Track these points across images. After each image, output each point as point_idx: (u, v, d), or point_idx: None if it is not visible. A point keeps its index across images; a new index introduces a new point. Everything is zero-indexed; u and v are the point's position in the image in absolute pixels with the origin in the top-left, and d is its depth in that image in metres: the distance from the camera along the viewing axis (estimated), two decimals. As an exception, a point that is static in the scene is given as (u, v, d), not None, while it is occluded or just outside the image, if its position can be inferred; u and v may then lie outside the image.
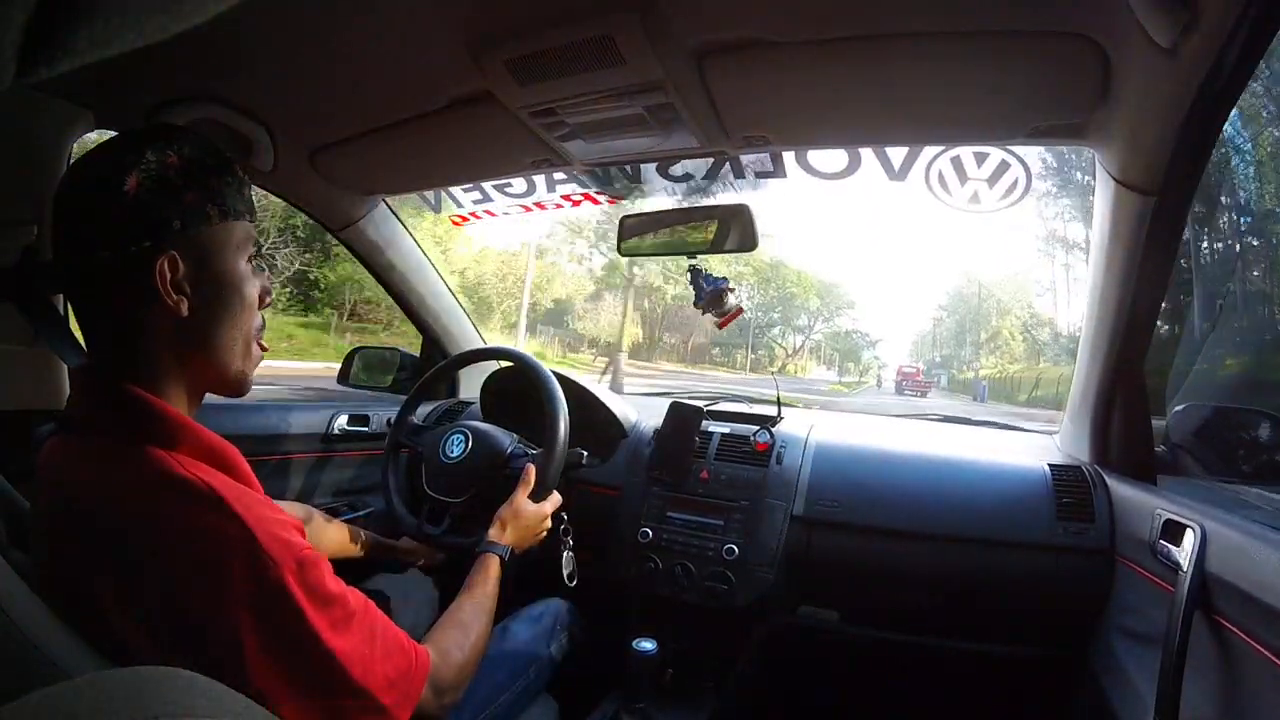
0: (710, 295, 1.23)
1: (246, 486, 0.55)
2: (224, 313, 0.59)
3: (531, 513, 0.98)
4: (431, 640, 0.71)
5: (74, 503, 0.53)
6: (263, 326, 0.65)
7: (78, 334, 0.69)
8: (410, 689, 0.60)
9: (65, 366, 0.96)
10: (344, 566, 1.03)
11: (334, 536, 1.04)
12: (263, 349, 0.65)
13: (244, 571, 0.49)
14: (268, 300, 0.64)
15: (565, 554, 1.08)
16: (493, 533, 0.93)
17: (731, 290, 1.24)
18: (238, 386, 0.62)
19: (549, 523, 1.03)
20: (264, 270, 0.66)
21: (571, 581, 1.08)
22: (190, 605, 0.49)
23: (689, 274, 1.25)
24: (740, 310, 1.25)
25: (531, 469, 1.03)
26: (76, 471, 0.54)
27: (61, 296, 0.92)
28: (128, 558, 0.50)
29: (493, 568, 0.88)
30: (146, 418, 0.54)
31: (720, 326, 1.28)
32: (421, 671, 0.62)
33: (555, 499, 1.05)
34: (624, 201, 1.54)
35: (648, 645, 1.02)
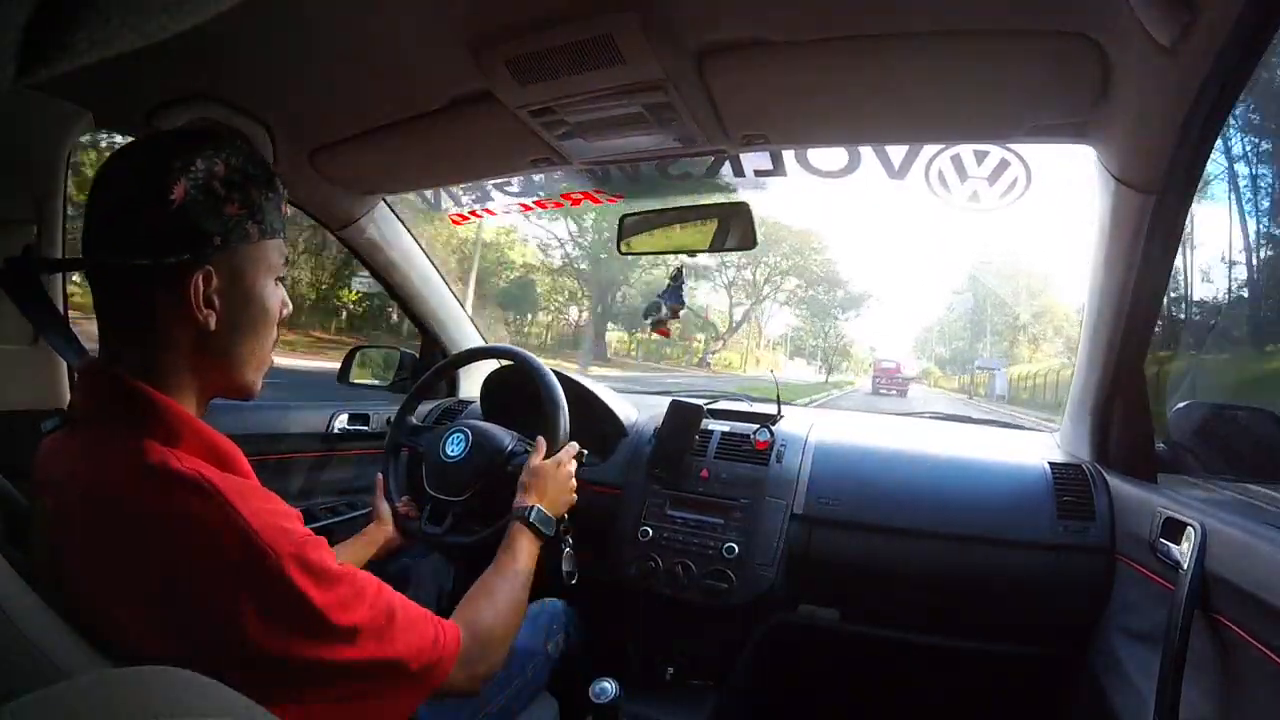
0: (670, 308, 1.27)
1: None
2: (248, 329, 0.60)
3: (549, 466, 0.97)
4: (459, 615, 0.71)
5: (74, 498, 0.53)
6: (276, 339, 0.65)
7: (74, 333, 0.70)
8: (437, 662, 0.60)
9: (66, 365, 0.96)
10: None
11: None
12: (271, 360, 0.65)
13: (243, 563, 0.49)
14: (285, 313, 0.65)
15: (565, 551, 1.08)
16: (516, 501, 0.93)
17: (676, 318, 1.29)
18: (246, 394, 0.63)
19: (573, 466, 1.01)
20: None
21: (571, 580, 1.08)
22: (192, 599, 0.49)
23: (674, 273, 1.28)
24: (665, 332, 1.31)
25: (541, 439, 1.02)
26: (77, 466, 0.54)
27: (61, 295, 0.93)
28: (127, 552, 0.50)
29: (516, 534, 0.87)
30: (149, 413, 0.54)
31: (655, 332, 1.32)
32: (451, 645, 0.62)
33: (572, 447, 1.03)
34: (623, 199, 1.54)
35: (607, 687, 0.90)
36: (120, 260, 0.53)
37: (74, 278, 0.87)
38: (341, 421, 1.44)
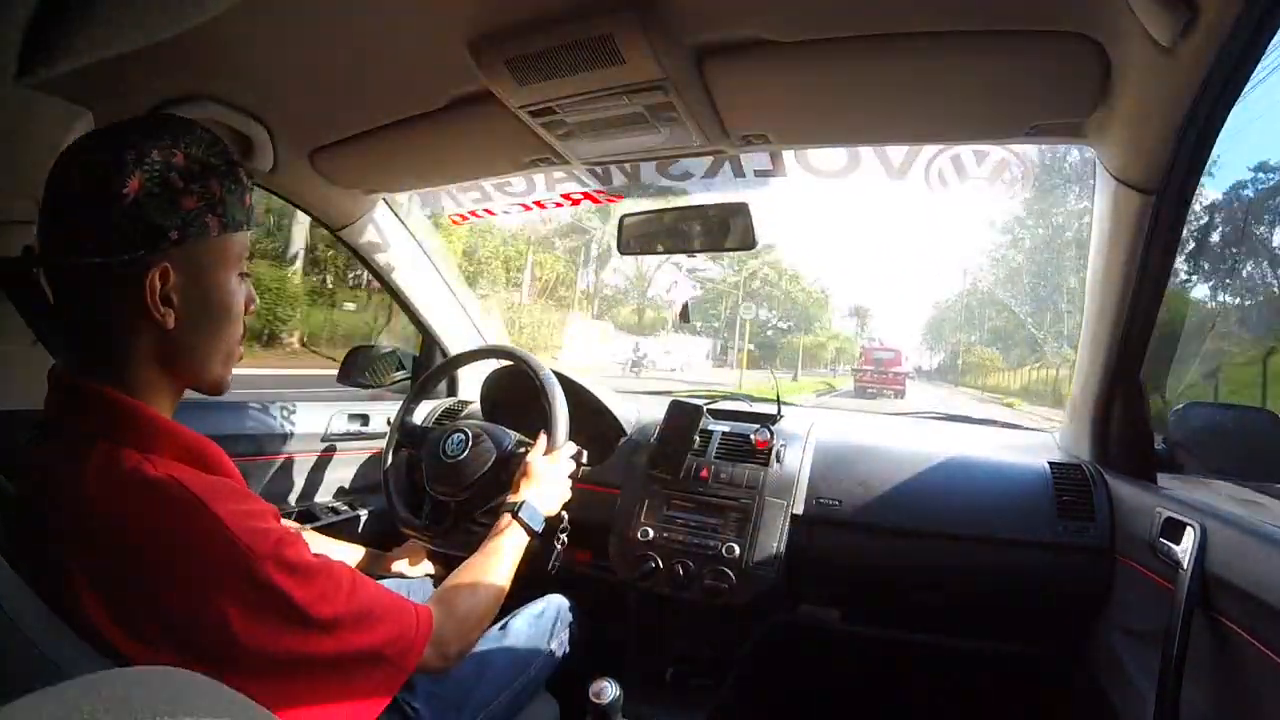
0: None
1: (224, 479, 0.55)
2: (210, 327, 0.58)
3: (544, 463, 1.00)
4: (437, 596, 0.73)
5: (56, 508, 0.52)
6: (244, 333, 0.64)
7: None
8: (411, 646, 0.62)
9: None
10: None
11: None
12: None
13: (224, 566, 0.50)
14: (251, 309, 0.63)
15: (556, 548, 1.08)
16: (510, 495, 0.96)
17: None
18: (214, 390, 0.62)
19: (570, 466, 1.04)
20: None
21: (552, 571, 1.08)
22: (177, 603, 0.49)
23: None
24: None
25: (543, 434, 1.04)
26: (56, 476, 0.53)
27: None
28: (108, 562, 0.50)
29: (504, 525, 0.89)
30: (121, 420, 0.53)
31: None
32: (424, 629, 0.63)
33: (570, 447, 1.06)
34: (624, 200, 1.54)
35: (607, 687, 0.80)
36: (73, 260, 0.51)
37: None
38: (341, 421, 1.44)
